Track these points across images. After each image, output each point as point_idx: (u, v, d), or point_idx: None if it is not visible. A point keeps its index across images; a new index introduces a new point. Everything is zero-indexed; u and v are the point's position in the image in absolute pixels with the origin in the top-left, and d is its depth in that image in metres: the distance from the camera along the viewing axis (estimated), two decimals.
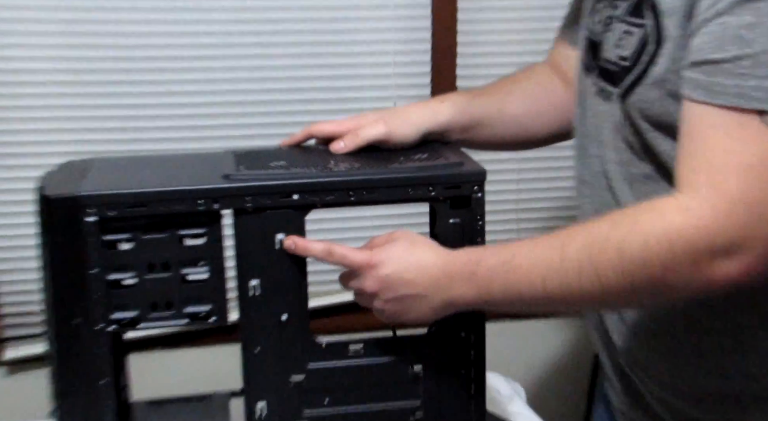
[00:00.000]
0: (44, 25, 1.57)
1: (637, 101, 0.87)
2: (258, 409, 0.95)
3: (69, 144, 1.61)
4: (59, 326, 0.91)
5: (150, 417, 1.07)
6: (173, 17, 1.61)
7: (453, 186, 0.93)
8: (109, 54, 1.61)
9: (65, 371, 0.92)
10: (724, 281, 0.77)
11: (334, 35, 1.68)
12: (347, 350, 0.96)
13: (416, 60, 1.72)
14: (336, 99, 1.70)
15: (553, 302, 0.83)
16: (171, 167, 1.01)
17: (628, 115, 0.89)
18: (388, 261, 0.89)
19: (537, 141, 1.14)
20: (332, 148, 1.01)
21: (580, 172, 1.01)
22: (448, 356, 0.97)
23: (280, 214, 0.91)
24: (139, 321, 0.92)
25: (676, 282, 0.77)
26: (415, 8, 1.69)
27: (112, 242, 0.91)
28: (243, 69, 1.66)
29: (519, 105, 1.10)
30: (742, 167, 0.75)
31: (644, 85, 0.85)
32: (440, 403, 0.98)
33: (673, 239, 0.76)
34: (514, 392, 1.28)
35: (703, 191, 0.76)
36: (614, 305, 0.88)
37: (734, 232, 0.75)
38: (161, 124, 1.65)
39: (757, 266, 0.76)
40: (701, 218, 0.75)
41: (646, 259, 0.77)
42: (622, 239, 0.78)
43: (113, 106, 1.63)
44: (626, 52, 0.88)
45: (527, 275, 0.83)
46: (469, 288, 0.86)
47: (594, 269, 0.79)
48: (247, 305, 0.93)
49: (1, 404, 1.71)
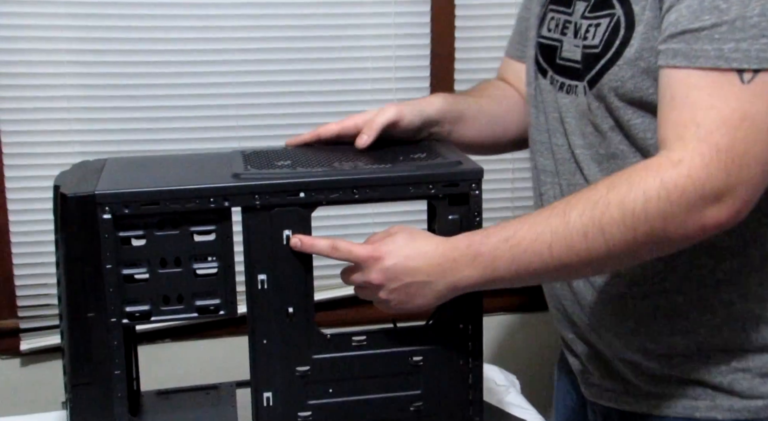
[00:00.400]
0: (60, 31, 1.61)
1: (609, 81, 0.93)
2: (264, 398, 0.98)
3: (83, 145, 1.65)
4: (74, 319, 0.94)
5: (159, 406, 1.10)
6: (187, 24, 1.65)
7: (452, 184, 0.96)
8: (122, 59, 1.64)
9: (79, 362, 0.95)
10: (714, 225, 0.84)
11: (337, 41, 1.72)
12: (351, 342, 0.99)
13: (416, 64, 1.76)
14: (338, 102, 1.74)
15: (558, 269, 0.88)
16: (182, 167, 1.04)
17: (599, 97, 0.95)
18: (391, 253, 0.92)
19: (507, 141, 1.20)
20: (357, 143, 1.03)
21: (541, 164, 1.08)
22: (447, 348, 1.00)
23: (287, 211, 0.94)
24: (152, 314, 0.95)
25: (674, 231, 0.84)
26: (415, 16, 1.73)
27: (126, 239, 0.94)
28: (251, 73, 1.70)
29: (493, 105, 1.17)
30: (725, 121, 0.82)
31: (617, 66, 0.93)
32: (439, 392, 1.01)
33: (670, 190, 0.83)
34: (510, 383, 1.30)
35: (692, 145, 0.83)
36: (615, 265, 0.92)
37: (722, 179, 0.82)
38: (172, 125, 1.69)
39: (741, 211, 0.84)
40: (692, 168, 0.82)
41: (647, 212, 0.83)
42: (622, 198, 0.84)
43: (126, 109, 1.67)
44: (595, 41, 0.96)
45: (533, 245, 0.88)
46: (474, 269, 0.91)
47: (599, 228, 0.85)
48: (254, 299, 0.96)
49: (16, 395, 1.74)
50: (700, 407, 1.00)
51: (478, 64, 1.78)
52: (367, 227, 1.76)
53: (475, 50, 1.77)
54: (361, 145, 1.03)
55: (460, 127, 1.12)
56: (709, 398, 0.99)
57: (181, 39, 1.66)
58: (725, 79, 0.83)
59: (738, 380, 0.98)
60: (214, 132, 1.70)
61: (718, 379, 0.98)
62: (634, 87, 0.92)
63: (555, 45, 1.05)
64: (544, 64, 1.07)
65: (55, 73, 1.62)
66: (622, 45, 0.93)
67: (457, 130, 1.12)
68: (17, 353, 1.72)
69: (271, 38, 1.69)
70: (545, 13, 1.08)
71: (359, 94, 1.75)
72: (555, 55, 1.04)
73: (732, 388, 0.98)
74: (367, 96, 1.75)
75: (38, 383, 1.73)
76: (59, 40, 1.61)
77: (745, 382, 0.98)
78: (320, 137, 1.07)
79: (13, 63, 1.60)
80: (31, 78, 1.62)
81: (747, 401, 0.98)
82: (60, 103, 1.64)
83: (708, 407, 0.99)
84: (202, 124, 1.70)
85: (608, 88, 0.94)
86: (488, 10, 1.76)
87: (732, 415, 0.99)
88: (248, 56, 1.69)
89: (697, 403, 1.00)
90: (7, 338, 1.72)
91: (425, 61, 1.76)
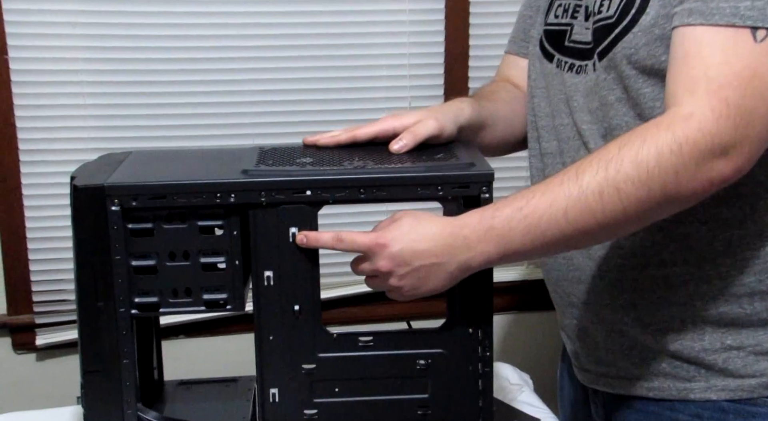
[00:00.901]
0: (74, 29, 1.62)
1: (623, 49, 0.95)
2: (270, 394, 0.98)
3: (98, 141, 1.66)
4: (85, 308, 0.95)
5: (177, 396, 1.12)
6: (206, 21, 1.66)
7: (462, 186, 0.94)
8: (140, 56, 1.65)
9: (90, 350, 0.96)
10: (720, 180, 0.85)
11: (351, 39, 1.72)
12: (357, 342, 0.98)
13: (430, 62, 1.76)
14: (353, 99, 1.74)
15: (575, 236, 0.88)
16: (198, 161, 1.04)
17: (610, 67, 0.97)
18: (396, 238, 0.91)
19: (514, 141, 1.20)
20: (392, 148, 1.01)
21: (544, 148, 1.10)
22: (456, 352, 0.99)
23: (293, 209, 0.94)
24: (160, 306, 0.96)
25: (685, 186, 0.85)
26: (429, 13, 1.73)
27: (135, 230, 0.94)
28: (267, 70, 1.70)
29: (506, 109, 1.17)
30: (736, 77, 0.84)
31: (632, 34, 0.94)
32: (448, 398, 1.00)
33: (682, 143, 0.84)
34: (523, 382, 1.30)
35: (703, 99, 0.84)
36: (629, 227, 0.91)
37: (730, 134, 0.84)
38: (186, 122, 1.70)
39: (744, 167, 0.86)
40: (702, 122, 0.84)
41: (660, 167, 0.84)
42: (635, 155, 0.85)
43: (143, 106, 1.68)
44: (610, 12, 0.97)
45: (547, 211, 0.87)
46: (487, 244, 0.89)
47: (615, 187, 0.85)
48: (261, 295, 0.96)
49: (32, 389, 1.76)
50: (695, 388, 1.00)
51: (493, 61, 1.75)
52: None
53: (490, 48, 1.76)
54: (396, 150, 1.01)
55: (482, 135, 1.12)
56: (704, 379, 0.99)
57: (199, 36, 1.66)
58: (739, 37, 0.84)
59: (732, 358, 0.98)
60: (230, 129, 1.71)
61: (712, 357, 0.99)
62: (647, 54, 0.93)
63: (564, 29, 1.06)
64: (550, 49, 1.08)
65: (71, 70, 1.64)
66: (638, 13, 0.94)
67: (480, 137, 1.12)
68: (33, 348, 1.74)
69: (286, 36, 1.69)
70: (552, 1, 1.11)
71: (373, 91, 1.75)
72: (563, 39, 1.06)
73: (726, 367, 0.98)
74: (382, 93, 1.75)
75: (54, 378, 1.75)
76: (74, 37, 1.62)
77: (739, 360, 0.98)
78: (356, 139, 1.05)
79: (28, 60, 1.62)
80: (46, 74, 1.63)
81: (741, 380, 0.98)
82: (76, 100, 1.65)
83: (702, 388, 1.00)
84: (219, 121, 1.71)
85: (621, 55, 0.95)
86: (502, 7, 1.75)
87: (727, 395, 0.99)
88: (265, 53, 1.69)
89: (692, 385, 1.00)
90: (23, 333, 1.74)
91: (439, 59, 1.76)
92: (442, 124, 1.04)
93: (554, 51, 1.07)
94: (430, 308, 1.20)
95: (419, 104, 1.75)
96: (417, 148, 1.03)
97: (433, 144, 1.05)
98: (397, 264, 0.91)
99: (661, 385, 1.02)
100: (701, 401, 1.00)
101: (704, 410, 1.00)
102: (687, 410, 1.01)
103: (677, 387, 1.01)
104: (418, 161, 0.99)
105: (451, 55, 1.75)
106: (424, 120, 1.03)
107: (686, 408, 1.01)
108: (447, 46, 1.75)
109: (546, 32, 1.10)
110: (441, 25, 1.74)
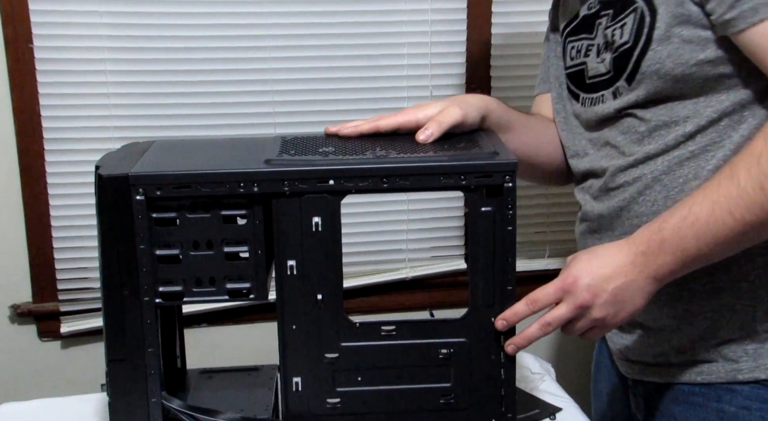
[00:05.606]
0: (104, 17, 1.62)
1: (649, 66, 0.99)
2: (294, 383, 0.99)
3: (122, 130, 1.67)
4: (110, 297, 0.96)
5: (199, 384, 1.13)
6: (229, 11, 1.65)
7: (484, 175, 0.94)
8: (164, 45, 1.65)
9: (114, 338, 0.97)
10: None
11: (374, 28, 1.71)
12: (380, 331, 0.99)
13: (452, 51, 1.75)
14: (375, 88, 1.74)
15: (746, 231, 0.90)
16: (222, 151, 1.05)
17: (639, 87, 1.02)
18: (584, 270, 0.94)
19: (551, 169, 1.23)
20: (418, 138, 1.02)
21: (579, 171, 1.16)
22: (478, 341, 0.99)
23: (316, 198, 0.94)
24: (184, 295, 0.97)
25: None
26: (452, 1, 1.72)
27: (159, 220, 0.95)
28: (290, 59, 1.70)
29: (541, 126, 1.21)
30: None
31: (652, 50, 0.98)
32: (470, 387, 1.00)
33: None
34: (545, 371, 1.29)
35: None
36: None
37: None
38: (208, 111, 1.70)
39: None
40: None
41: None
42: None
43: (166, 95, 1.68)
44: (624, 38, 1.01)
45: (713, 215, 0.90)
46: (665, 256, 0.93)
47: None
48: (283, 285, 0.97)
49: (57, 377, 1.78)
50: (743, 369, 1.02)
51: (515, 49, 1.76)
52: (401, 214, 1.76)
53: (512, 36, 1.75)
54: (423, 140, 1.01)
55: (508, 136, 1.12)
56: (752, 359, 1.01)
57: (223, 25, 1.66)
58: None
59: None
60: (252, 118, 1.71)
61: (763, 336, 1.00)
62: (674, 64, 0.97)
63: (581, 69, 1.12)
64: (575, 90, 1.14)
65: (96, 58, 1.64)
66: (651, 30, 0.98)
67: (507, 138, 1.12)
68: (58, 335, 1.75)
69: (311, 26, 1.69)
70: (564, 46, 1.16)
71: (396, 80, 1.74)
72: (583, 78, 1.12)
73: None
74: (403, 82, 1.74)
75: (79, 366, 1.77)
76: (99, 26, 1.62)
77: None
78: (378, 130, 1.05)
79: (53, 49, 1.63)
80: (71, 63, 1.64)
81: None
82: (100, 89, 1.66)
83: (750, 368, 1.01)
84: (241, 110, 1.71)
85: (650, 72, 0.99)
86: (526, 5, 1.74)
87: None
88: (289, 42, 1.69)
89: (739, 365, 1.02)
90: (48, 321, 1.75)
91: (461, 48, 1.75)
92: (466, 112, 1.04)
93: (579, 90, 1.13)
94: (451, 298, 1.20)
95: (440, 94, 1.74)
96: (440, 138, 1.02)
97: (456, 133, 1.05)
98: (594, 294, 0.94)
99: (710, 368, 1.03)
100: (749, 381, 1.01)
101: (752, 401, 1.01)
102: (734, 401, 1.02)
103: (725, 369, 1.02)
104: (440, 150, 0.99)
105: (474, 45, 1.74)
106: (447, 108, 1.03)
107: (734, 399, 1.02)
108: (469, 35, 1.73)
109: (568, 76, 1.16)
110: (463, 13, 1.73)
